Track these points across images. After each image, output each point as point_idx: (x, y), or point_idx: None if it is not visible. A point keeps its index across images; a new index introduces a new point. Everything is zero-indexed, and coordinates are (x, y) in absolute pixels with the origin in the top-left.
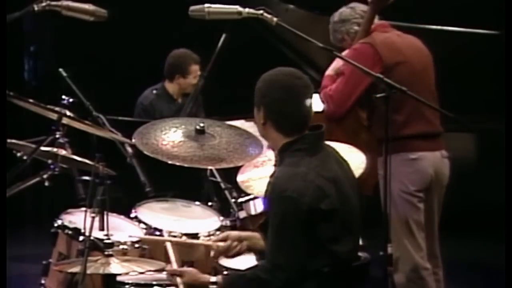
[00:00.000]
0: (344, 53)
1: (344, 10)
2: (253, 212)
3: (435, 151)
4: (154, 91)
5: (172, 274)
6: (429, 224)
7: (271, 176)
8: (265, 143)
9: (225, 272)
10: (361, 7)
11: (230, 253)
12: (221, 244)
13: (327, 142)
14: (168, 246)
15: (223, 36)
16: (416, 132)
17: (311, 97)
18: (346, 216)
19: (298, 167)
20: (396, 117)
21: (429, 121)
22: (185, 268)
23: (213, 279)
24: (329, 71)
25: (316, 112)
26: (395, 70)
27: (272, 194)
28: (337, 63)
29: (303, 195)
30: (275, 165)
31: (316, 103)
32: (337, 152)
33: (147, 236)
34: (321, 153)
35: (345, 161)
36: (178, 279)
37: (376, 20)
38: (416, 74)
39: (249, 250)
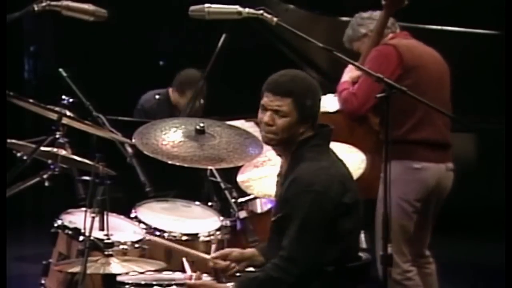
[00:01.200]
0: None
1: (375, 12)
2: (259, 210)
3: (440, 163)
4: (157, 96)
5: (190, 287)
6: (422, 231)
7: (278, 175)
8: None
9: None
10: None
11: (226, 273)
12: (220, 262)
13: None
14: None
15: (223, 36)
16: (423, 138)
17: None
18: (359, 213)
19: (320, 161)
20: (407, 120)
21: (439, 130)
22: (201, 281)
23: (229, 286)
24: (346, 77)
25: (329, 113)
26: (412, 72)
27: (296, 189)
28: (352, 73)
29: (329, 190)
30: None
31: (328, 103)
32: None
33: (151, 237)
34: (330, 150)
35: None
36: None
37: (398, 30)
38: (432, 81)
39: (248, 267)
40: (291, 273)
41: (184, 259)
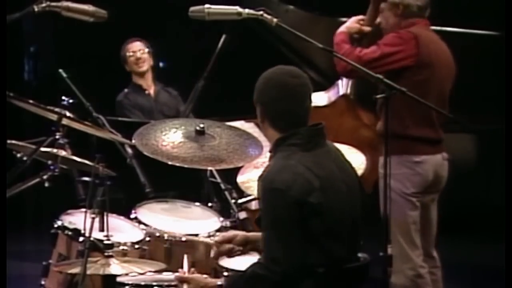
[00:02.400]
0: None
1: None
2: (253, 207)
3: (437, 154)
4: (126, 90)
5: (180, 280)
6: (426, 225)
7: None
8: (265, 144)
9: (225, 273)
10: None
11: (231, 255)
12: (223, 245)
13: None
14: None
15: (223, 37)
16: (422, 135)
17: (309, 96)
18: (339, 215)
19: (288, 160)
20: (408, 115)
21: (436, 129)
22: (192, 275)
23: (218, 282)
24: (343, 28)
25: (319, 107)
26: (425, 69)
27: (260, 189)
28: (352, 24)
29: (290, 188)
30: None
31: (319, 98)
32: (340, 153)
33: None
34: (317, 150)
35: (348, 162)
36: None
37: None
38: (440, 81)
39: (252, 251)
40: (275, 272)
41: (185, 256)
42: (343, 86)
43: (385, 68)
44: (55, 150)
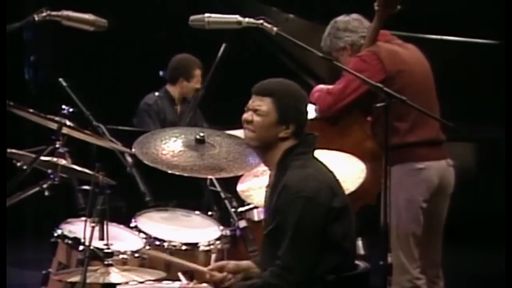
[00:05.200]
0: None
1: (350, 20)
2: (256, 219)
3: (441, 160)
4: (156, 93)
5: None
6: (434, 232)
7: (268, 186)
8: None
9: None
10: (366, 22)
11: (222, 285)
12: (216, 274)
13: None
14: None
15: (223, 45)
16: (421, 138)
17: None
18: (350, 216)
19: (305, 168)
20: (401, 124)
21: (433, 128)
22: (197, 285)
23: None
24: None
25: (321, 119)
26: (397, 78)
27: (286, 197)
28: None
29: (318, 195)
30: (274, 174)
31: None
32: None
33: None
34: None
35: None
36: None
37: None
38: (418, 82)
39: (245, 278)
40: (289, 281)
41: (180, 274)
42: None
43: (359, 92)
44: (55, 159)
